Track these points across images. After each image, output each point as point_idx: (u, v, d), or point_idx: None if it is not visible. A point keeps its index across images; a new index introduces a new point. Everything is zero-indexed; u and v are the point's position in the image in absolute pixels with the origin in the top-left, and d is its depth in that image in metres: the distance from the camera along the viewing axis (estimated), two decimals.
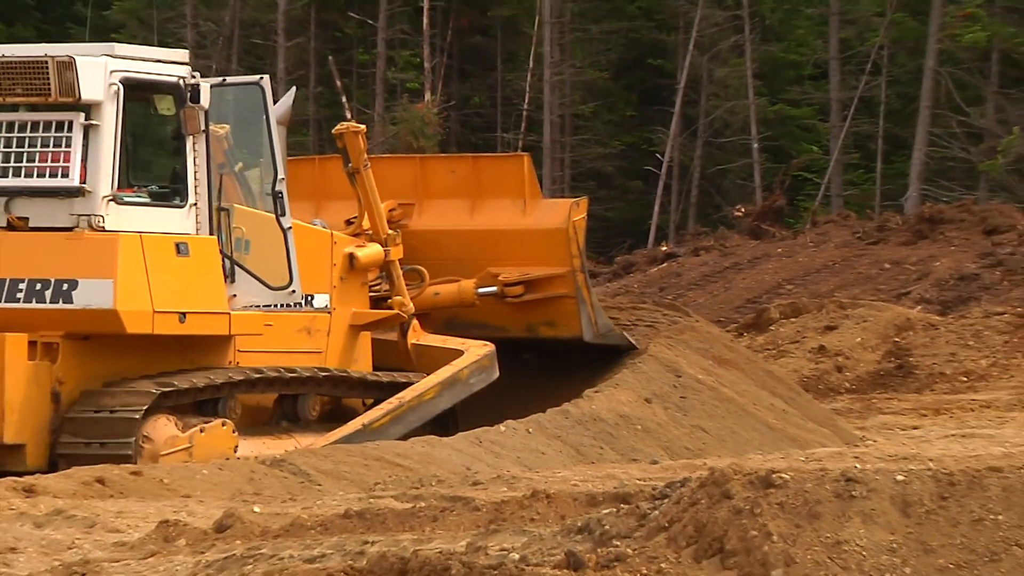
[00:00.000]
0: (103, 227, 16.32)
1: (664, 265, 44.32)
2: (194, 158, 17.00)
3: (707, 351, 21.61)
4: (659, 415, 19.59)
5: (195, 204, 16.98)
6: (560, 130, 56.10)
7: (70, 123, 16.40)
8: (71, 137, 16.38)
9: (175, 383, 16.47)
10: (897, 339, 30.12)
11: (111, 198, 16.41)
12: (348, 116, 53.59)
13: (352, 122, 19.93)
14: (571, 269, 19.81)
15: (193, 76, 17.06)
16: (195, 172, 17.01)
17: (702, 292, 40.16)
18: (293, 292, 17.89)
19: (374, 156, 20.47)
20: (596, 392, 19.65)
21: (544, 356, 20.61)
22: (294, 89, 21.07)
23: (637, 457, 18.22)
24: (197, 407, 16.86)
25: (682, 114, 55.37)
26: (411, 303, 19.19)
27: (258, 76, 18.43)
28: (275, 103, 18.12)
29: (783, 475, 8.91)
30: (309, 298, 18.23)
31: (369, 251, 18.97)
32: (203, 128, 17.01)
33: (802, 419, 21.31)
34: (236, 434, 16.83)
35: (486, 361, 19.12)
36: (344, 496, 14.34)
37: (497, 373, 19.23)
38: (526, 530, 10.03)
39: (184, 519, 11.85)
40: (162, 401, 16.34)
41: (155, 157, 17.54)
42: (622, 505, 9.76)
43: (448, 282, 19.74)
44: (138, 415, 16.03)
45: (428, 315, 19.60)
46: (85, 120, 16.39)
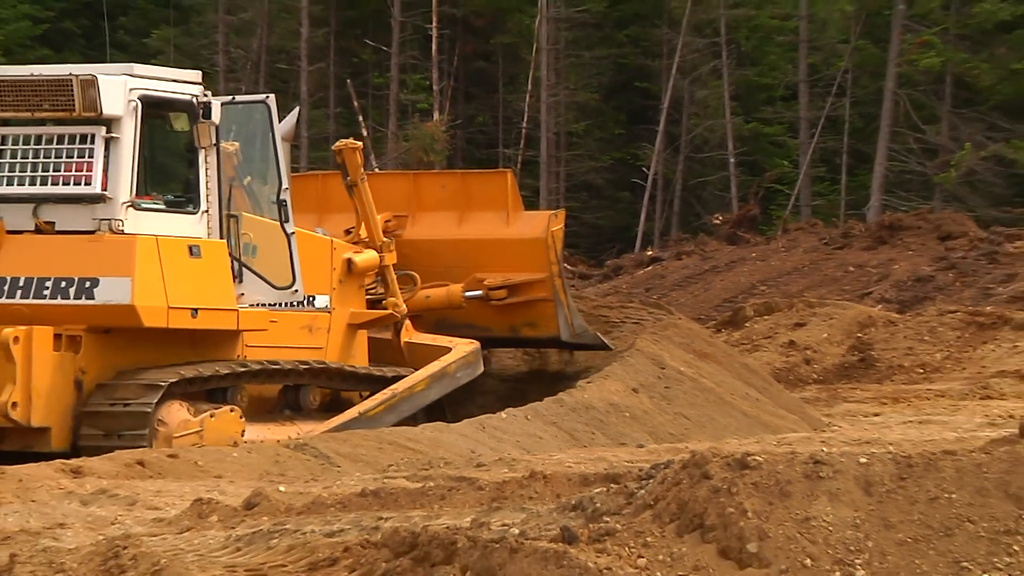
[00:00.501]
0: (122, 230, 16.25)
1: (649, 268, 44.30)
2: (206, 169, 16.97)
3: (688, 346, 21.60)
4: (645, 403, 19.59)
5: (207, 211, 16.95)
6: (556, 146, 56.12)
7: (93, 136, 16.35)
8: (93, 149, 16.32)
9: (187, 373, 16.41)
10: (860, 335, 30.11)
11: (130, 204, 16.35)
12: (364, 134, 53.59)
13: (351, 139, 19.82)
14: (550, 275, 19.74)
15: (205, 94, 17.02)
16: (207, 182, 16.98)
17: (684, 292, 40.16)
18: (296, 292, 17.80)
19: (371, 172, 20.48)
20: (588, 383, 19.65)
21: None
22: (298, 109, 20.99)
23: (625, 441, 18.22)
24: (208, 395, 16.81)
25: (665, 132, 55.39)
26: (404, 305, 19.17)
27: (264, 95, 18.40)
28: (280, 120, 18.04)
29: (757, 458, 8.90)
30: (311, 299, 18.17)
31: (366, 257, 18.91)
32: (214, 142, 16.96)
33: (774, 407, 21.31)
34: (243, 420, 16.78)
35: (472, 357, 19.05)
36: (361, 477, 14.34)
37: (482, 368, 19.20)
38: (525, 507, 10.03)
39: (216, 497, 11.85)
40: (175, 389, 16.27)
41: (171, 168, 17.46)
42: (612, 485, 9.75)
43: (438, 286, 19.68)
44: (153, 401, 15.98)
45: (420, 316, 19.53)
46: (106, 133, 16.33)
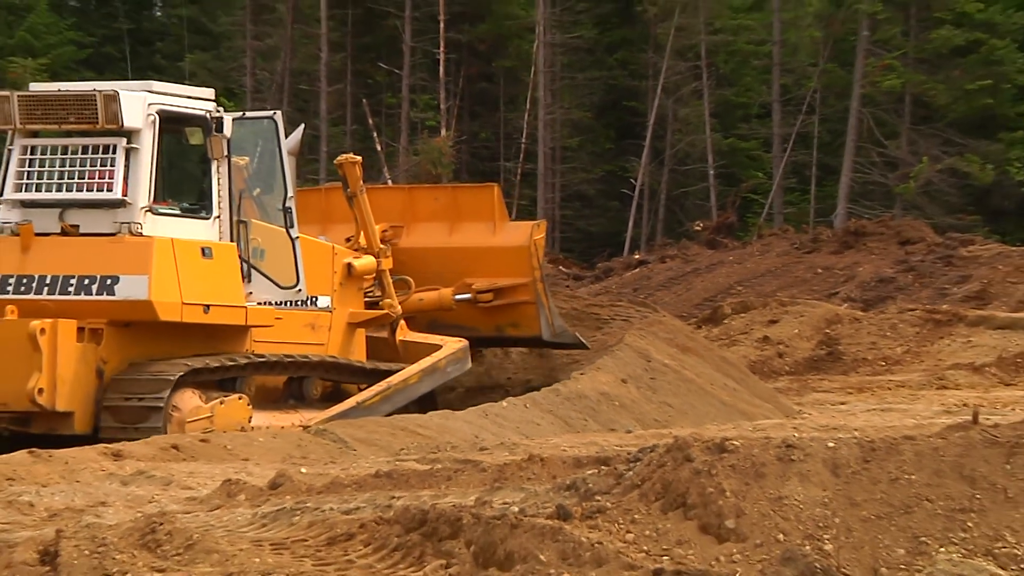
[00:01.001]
0: (141, 233, 16.18)
1: (637, 270, 44.28)
2: (218, 179, 16.89)
3: (672, 340, 21.60)
4: (633, 393, 19.58)
5: (218, 216, 16.87)
6: (552, 159, 56.17)
7: (114, 147, 16.26)
8: (115, 158, 16.24)
9: (199, 364, 16.32)
10: (828, 331, 30.11)
11: (148, 209, 16.26)
12: (378, 148, 53.68)
13: (351, 154, 19.76)
14: (532, 279, 19.69)
15: (217, 110, 16.94)
16: (219, 190, 16.89)
17: (668, 292, 40.14)
18: (299, 291, 17.70)
19: (371, 186, 20.38)
20: (581, 374, 19.64)
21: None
22: (303, 126, 20.85)
23: (615, 428, 18.21)
24: (218, 384, 16.69)
25: (651, 146, 55.43)
26: (399, 306, 19.11)
27: (271, 112, 18.29)
28: (287, 136, 17.97)
29: (734, 442, 8.90)
30: (313, 299, 18.11)
31: (364, 262, 18.85)
32: (226, 154, 16.85)
33: (750, 396, 21.30)
34: (251, 407, 16.70)
35: (460, 354, 18.97)
36: (375, 459, 14.33)
37: (469, 364, 19.14)
38: (524, 487, 10.02)
39: (244, 478, 11.84)
40: (188, 378, 16.18)
41: (186, 177, 17.38)
42: (602, 467, 9.74)
43: (430, 290, 19.61)
44: (168, 389, 15.91)
45: (414, 317, 19.45)
46: (127, 144, 16.25)
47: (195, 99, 17.02)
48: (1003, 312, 31.96)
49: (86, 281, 16.08)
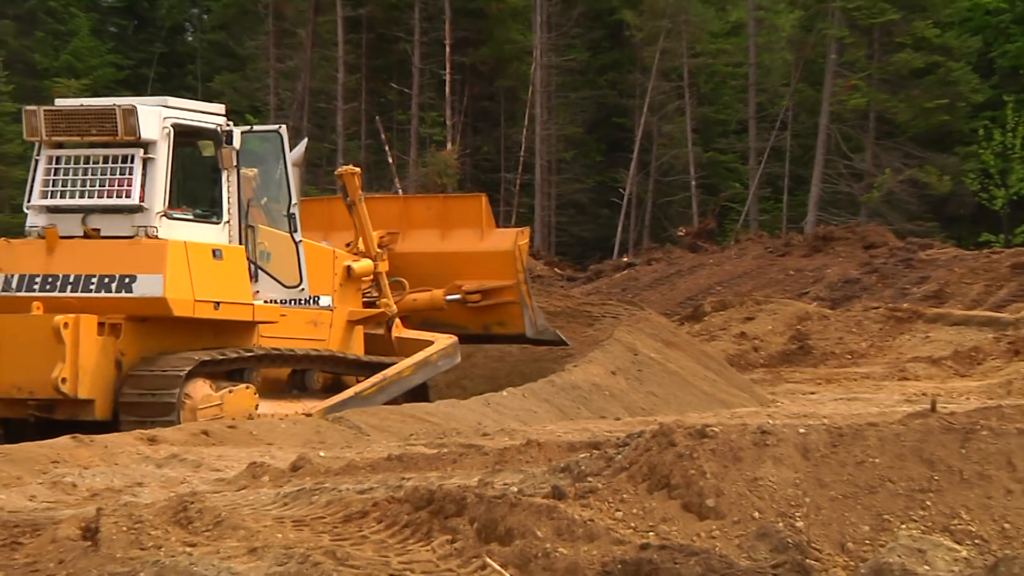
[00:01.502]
0: (156, 236, 16.05)
1: (625, 272, 44.28)
2: (228, 187, 16.74)
3: (657, 336, 21.59)
4: (621, 384, 19.56)
5: (228, 221, 16.73)
6: (548, 171, 56.15)
7: (132, 157, 16.11)
8: (133, 167, 16.09)
9: (209, 356, 16.21)
10: (799, 327, 30.11)
11: (163, 214, 16.13)
12: (390, 161, 53.70)
13: (350, 166, 19.58)
14: (517, 281, 19.56)
15: (228, 124, 16.81)
16: (228, 197, 16.74)
17: (654, 292, 40.13)
18: (302, 290, 17.56)
19: (369, 195, 20.24)
20: (574, 367, 19.62)
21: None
22: (306, 140, 20.70)
23: (605, 415, 18.19)
24: (228, 375, 16.57)
25: (638, 159, 55.44)
26: (394, 305, 19.00)
27: (277, 126, 18.12)
28: (291, 148, 17.80)
29: (714, 428, 8.89)
30: (315, 298, 17.96)
31: (362, 264, 18.71)
32: (235, 164, 16.72)
33: (728, 387, 21.29)
34: (257, 396, 16.57)
35: (450, 349, 18.82)
36: (387, 444, 14.32)
37: (459, 359, 18.97)
38: (522, 470, 10.01)
39: (268, 461, 11.84)
40: (200, 368, 16.06)
41: (198, 185, 17.15)
42: (594, 451, 9.74)
43: (423, 291, 19.47)
44: (180, 378, 15.79)
45: (408, 316, 19.32)
46: (144, 155, 16.10)
47: (207, 114, 16.89)
48: (958, 310, 31.97)
49: (106, 280, 15.94)
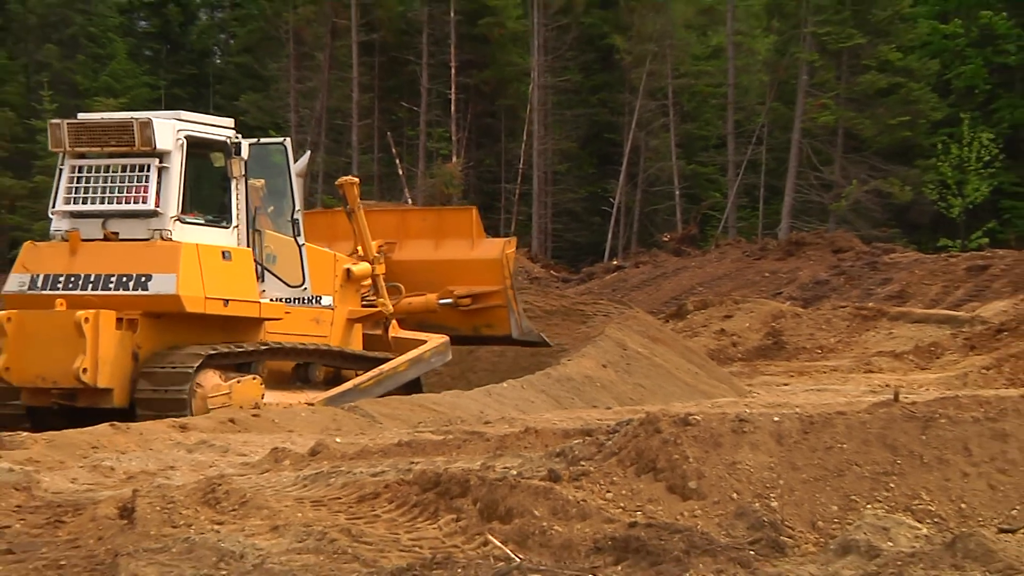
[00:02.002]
0: (170, 238, 15.92)
1: (615, 274, 44.29)
2: (236, 194, 16.59)
3: (644, 332, 21.58)
4: (612, 376, 19.55)
5: (236, 226, 16.57)
6: (544, 182, 56.17)
7: (148, 166, 15.97)
8: (149, 175, 15.96)
9: (219, 349, 16.09)
10: (773, 324, 30.11)
11: (176, 218, 15.99)
12: (400, 173, 53.70)
13: (350, 176, 19.45)
14: (504, 287, 19.43)
15: (236, 137, 16.67)
16: (237, 204, 16.59)
17: (641, 292, 40.15)
18: (305, 290, 17.39)
19: (368, 208, 20.08)
20: (569, 360, 19.61)
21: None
22: (309, 152, 20.54)
23: (597, 405, 18.17)
24: (236, 367, 16.42)
25: (627, 171, 55.45)
26: (391, 305, 18.86)
27: (282, 138, 17.92)
28: (296, 159, 17.63)
29: (696, 417, 8.88)
30: (318, 298, 17.83)
31: (361, 267, 18.59)
32: (243, 173, 16.60)
33: (709, 379, 21.28)
34: (263, 387, 16.43)
35: (442, 348, 18.69)
36: (397, 431, 14.31)
37: (450, 356, 18.81)
38: (521, 455, 10.00)
39: (289, 447, 11.83)
40: (210, 361, 15.94)
41: (209, 193, 16.93)
42: (586, 437, 9.73)
43: (418, 295, 19.33)
44: (192, 369, 15.68)
45: (404, 319, 19.21)
46: (159, 164, 15.97)
47: (218, 127, 16.73)
48: (919, 309, 32.00)
49: (124, 279, 15.82)
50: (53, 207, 16.46)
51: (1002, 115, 54.61)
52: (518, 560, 7.45)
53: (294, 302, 17.44)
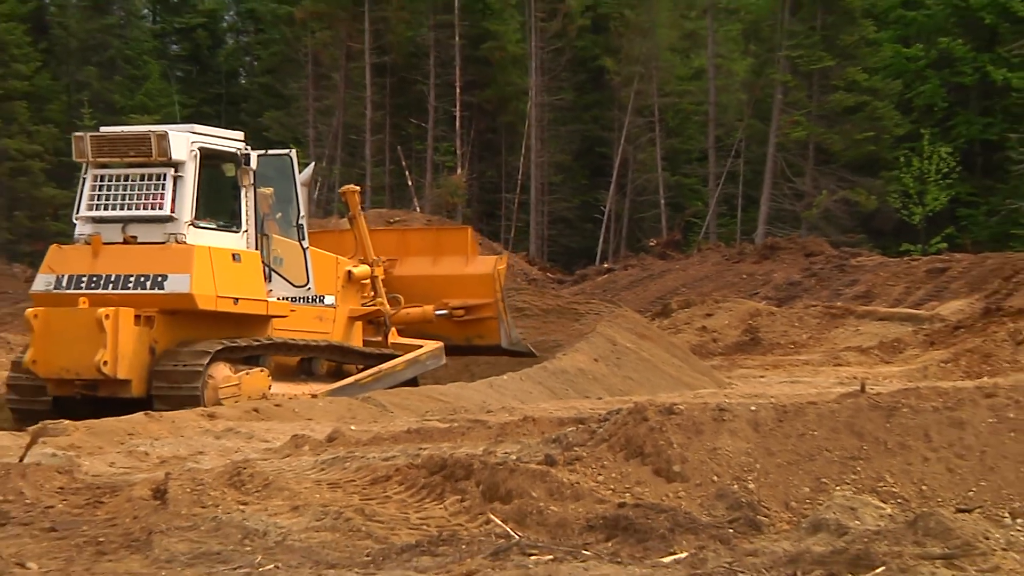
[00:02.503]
0: (185, 242, 15.83)
1: (606, 276, 44.28)
2: (246, 202, 16.50)
3: (632, 329, 21.59)
4: (603, 369, 19.55)
5: (246, 231, 16.48)
6: (541, 192, 56.20)
7: (164, 175, 15.87)
8: (165, 184, 15.85)
9: (229, 343, 16.00)
10: (750, 322, 30.11)
11: (190, 223, 15.89)
12: (410, 184, 53.66)
13: (352, 185, 19.35)
14: (495, 300, 19.33)
15: (246, 148, 16.55)
16: (246, 210, 16.50)
17: (630, 293, 40.14)
18: (309, 289, 17.34)
19: (373, 229, 19.91)
20: (563, 355, 19.60)
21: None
22: (313, 163, 20.34)
23: (589, 395, 18.17)
24: (245, 360, 16.31)
25: (617, 182, 55.45)
26: (388, 305, 18.72)
27: (288, 150, 17.79)
28: (301, 170, 17.57)
29: (680, 406, 8.88)
30: (321, 297, 17.73)
31: (361, 269, 18.51)
32: (252, 182, 16.51)
33: (691, 372, 21.28)
34: (270, 379, 16.33)
35: (437, 352, 18.60)
36: (407, 419, 14.30)
37: (444, 360, 18.69)
38: (520, 441, 10.00)
39: (308, 434, 11.82)
40: (221, 354, 15.84)
41: (221, 200, 16.75)
42: (579, 425, 9.73)
43: (416, 307, 19.24)
44: (205, 362, 15.59)
45: (404, 329, 19.07)
46: (174, 173, 15.86)
47: (229, 139, 16.62)
48: (883, 308, 32.00)
49: (142, 279, 15.70)
50: (77, 213, 16.35)
51: (959, 131, 54.70)
52: (517, 537, 7.45)
53: (299, 301, 17.34)
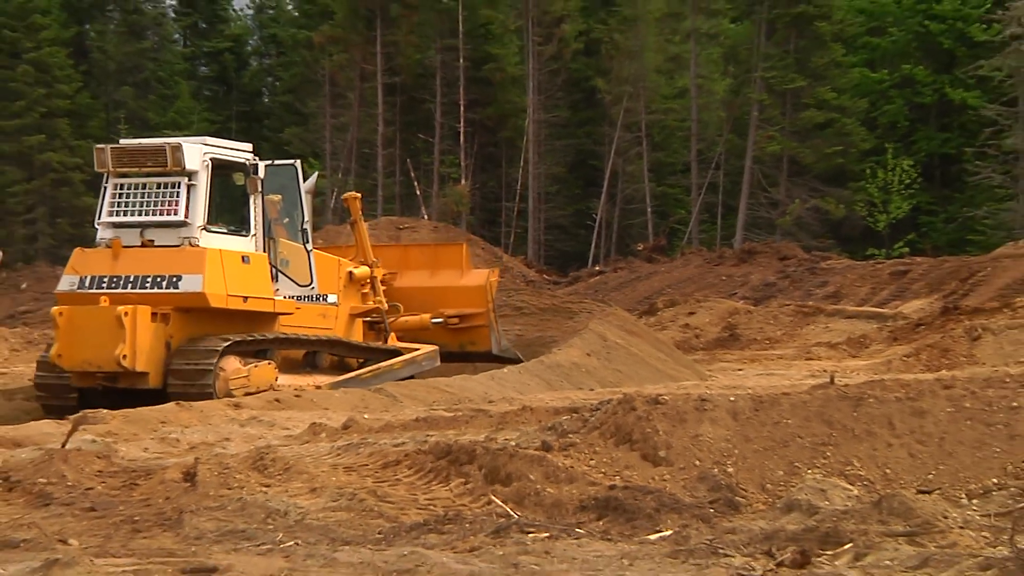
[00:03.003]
0: (197, 245, 15.77)
1: (597, 277, 44.26)
2: (254, 208, 16.43)
3: (622, 326, 21.58)
4: (594, 363, 19.55)
5: (254, 235, 16.42)
6: (538, 201, 56.17)
7: (179, 183, 15.81)
8: (179, 192, 15.80)
9: (239, 338, 15.94)
10: (729, 319, 30.11)
11: (203, 228, 15.83)
12: (418, 193, 53.67)
13: (353, 192, 19.27)
14: (487, 309, 19.31)
15: (254, 159, 16.47)
16: (255, 216, 16.43)
17: (619, 293, 40.12)
18: (313, 289, 17.28)
19: (376, 245, 19.76)
20: (558, 350, 19.61)
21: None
22: (316, 174, 20.21)
23: (582, 387, 18.17)
24: (254, 354, 16.25)
25: (607, 192, 55.39)
26: (385, 303, 18.62)
27: (293, 160, 17.69)
28: (305, 179, 17.48)
29: (665, 397, 8.89)
30: (324, 296, 17.67)
31: (361, 270, 18.48)
32: (260, 190, 16.42)
33: (675, 365, 21.28)
34: (277, 371, 16.26)
35: (432, 354, 18.49)
36: (415, 409, 14.31)
37: (439, 362, 18.55)
38: (519, 429, 10.01)
39: (325, 422, 11.83)
40: (231, 348, 15.78)
41: (231, 206, 16.58)
42: (573, 414, 9.73)
43: (414, 315, 19.21)
44: (216, 355, 15.54)
45: (402, 336, 18.98)
46: (188, 182, 15.80)
47: (238, 150, 16.51)
48: (851, 307, 32.00)
49: (158, 279, 15.63)
50: (99, 219, 16.27)
51: (920, 146, 54.87)
52: (516, 516, 7.45)
53: (303, 299, 17.27)
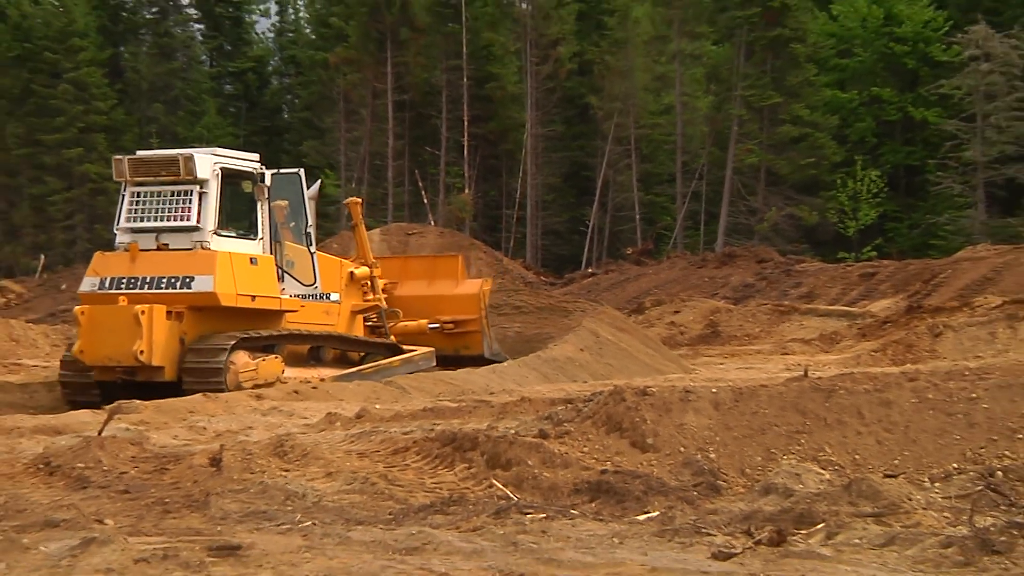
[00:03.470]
0: (209, 248, 15.71)
1: (590, 279, 44.25)
2: (261, 213, 16.37)
3: (613, 324, 21.58)
4: (587, 357, 19.55)
5: (262, 238, 16.36)
6: (536, 208, 56.18)
7: (191, 191, 15.75)
8: (191, 199, 15.73)
9: (248, 334, 15.88)
10: (712, 318, 30.10)
11: (214, 232, 15.77)
12: (425, 202, 53.64)
13: (354, 197, 19.28)
14: (479, 316, 19.29)
15: (261, 168, 16.38)
16: (262, 221, 16.38)
17: (610, 293, 40.11)
18: (317, 288, 17.25)
19: (379, 257, 19.65)
20: (554, 346, 19.61)
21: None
22: (320, 180, 20.18)
23: (576, 380, 18.18)
24: (262, 349, 16.19)
25: (599, 200, 55.42)
26: (384, 302, 18.52)
27: (296, 168, 17.55)
28: (309, 186, 17.39)
29: (652, 388, 8.89)
30: (327, 295, 17.62)
31: (361, 270, 18.41)
32: (267, 197, 16.37)
33: (662, 360, 21.27)
34: (283, 364, 16.18)
35: (429, 355, 18.43)
36: (423, 400, 14.31)
37: (435, 363, 18.47)
38: (518, 418, 10.00)
39: (339, 412, 11.83)
40: (240, 343, 15.70)
41: (240, 212, 16.48)
42: (568, 405, 9.73)
43: (412, 321, 19.14)
44: (226, 350, 15.48)
45: (402, 340, 18.83)
46: (200, 189, 15.74)
47: (246, 160, 16.42)
48: (823, 306, 31.99)
49: (173, 280, 15.58)
50: (117, 224, 16.22)
51: (886, 158, 54.95)
52: (515, 499, 7.45)
53: (308, 298, 17.22)
